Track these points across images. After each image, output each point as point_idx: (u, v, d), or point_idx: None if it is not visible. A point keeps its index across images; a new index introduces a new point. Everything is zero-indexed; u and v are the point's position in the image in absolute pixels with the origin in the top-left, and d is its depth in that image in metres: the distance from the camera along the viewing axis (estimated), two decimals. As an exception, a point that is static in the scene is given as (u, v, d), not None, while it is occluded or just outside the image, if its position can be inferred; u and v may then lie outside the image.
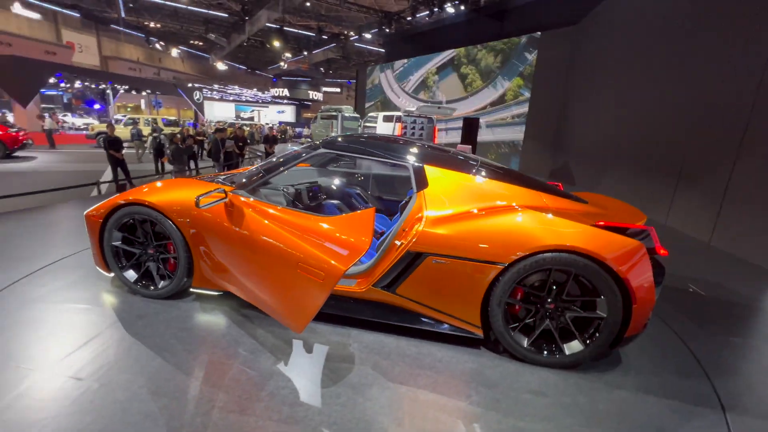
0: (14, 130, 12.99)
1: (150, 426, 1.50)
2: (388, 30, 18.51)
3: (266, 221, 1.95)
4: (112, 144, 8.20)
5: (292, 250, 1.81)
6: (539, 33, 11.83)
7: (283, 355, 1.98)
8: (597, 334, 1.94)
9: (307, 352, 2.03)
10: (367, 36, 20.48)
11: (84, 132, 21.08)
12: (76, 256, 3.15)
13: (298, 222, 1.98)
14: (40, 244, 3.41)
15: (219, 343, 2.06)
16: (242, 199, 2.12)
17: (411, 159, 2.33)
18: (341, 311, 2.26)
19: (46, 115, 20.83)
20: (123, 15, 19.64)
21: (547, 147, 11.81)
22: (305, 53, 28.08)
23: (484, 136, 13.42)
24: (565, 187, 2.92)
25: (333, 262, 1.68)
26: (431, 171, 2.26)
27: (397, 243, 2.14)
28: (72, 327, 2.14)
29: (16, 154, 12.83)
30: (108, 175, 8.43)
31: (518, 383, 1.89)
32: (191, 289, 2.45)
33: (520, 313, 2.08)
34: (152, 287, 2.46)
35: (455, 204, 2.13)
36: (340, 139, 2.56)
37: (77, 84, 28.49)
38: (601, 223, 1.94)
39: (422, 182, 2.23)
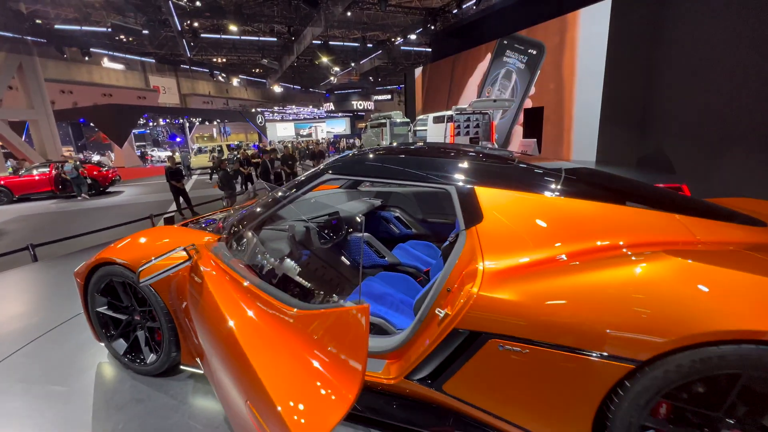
0: (105, 168, 14.69)
1: None
2: (433, 27, 17.66)
3: (222, 307, 1.32)
4: (173, 175, 8.56)
5: (242, 373, 1.15)
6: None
7: (275, 492, 1.33)
8: None
9: (312, 486, 1.35)
10: (412, 37, 19.84)
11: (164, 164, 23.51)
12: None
13: (261, 314, 1.32)
14: (66, 295, 3.24)
15: (196, 460, 1.48)
16: (211, 261, 1.53)
17: (452, 177, 1.55)
18: (362, 410, 1.56)
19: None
20: (189, 55, 21.53)
21: (631, 130, 9.91)
22: (353, 64, 28.34)
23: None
24: (666, 178, 1.88)
25: (289, 424, 0.95)
26: (487, 195, 1.45)
27: (440, 313, 1.38)
28: (39, 426, 1.73)
29: (109, 189, 14.47)
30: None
31: None
32: (182, 366, 1.95)
33: (668, 434, 1.18)
34: (140, 361, 2.01)
35: (532, 247, 1.31)
36: (351, 157, 1.87)
37: (161, 122, 32.36)
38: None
39: (473, 213, 1.44)
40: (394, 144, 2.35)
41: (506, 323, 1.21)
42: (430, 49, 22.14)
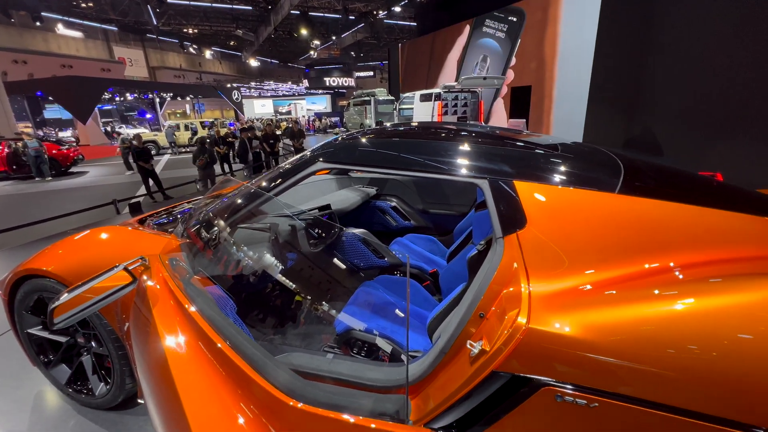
0: (66, 147, 13.48)
1: None
2: (419, -1, 16.78)
3: (170, 362, 0.95)
4: (141, 155, 7.81)
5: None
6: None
7: None
8: None
9: None
10: (397, 10, 18.90)
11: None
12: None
13: (220, 380, 0.97)
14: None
15: None
16: (164, 280, 1.15)
17: (482, 167, 1.21)
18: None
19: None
20: (155, 23, 19.84)
21: (619, 110, 9.73)
22: (334, 38, 27.04)
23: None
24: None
25: None
26: (531, 191, 1.13)
27: (472, 347, 1.06)
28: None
29: (72, 170, 13.33)
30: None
31: None
32: (139, 400, 1.59)
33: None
34: (88, 393, 1.63)
35: (596, 262, 1.00)
36: (347, 141, 1.49)
37: (129, 96, 30.16)
38: None
39: (513, 216, 1.10)
40: (388, 124, 1.98)
41: (567, 367, 0.91)
42: (414, 23, 21.25)
